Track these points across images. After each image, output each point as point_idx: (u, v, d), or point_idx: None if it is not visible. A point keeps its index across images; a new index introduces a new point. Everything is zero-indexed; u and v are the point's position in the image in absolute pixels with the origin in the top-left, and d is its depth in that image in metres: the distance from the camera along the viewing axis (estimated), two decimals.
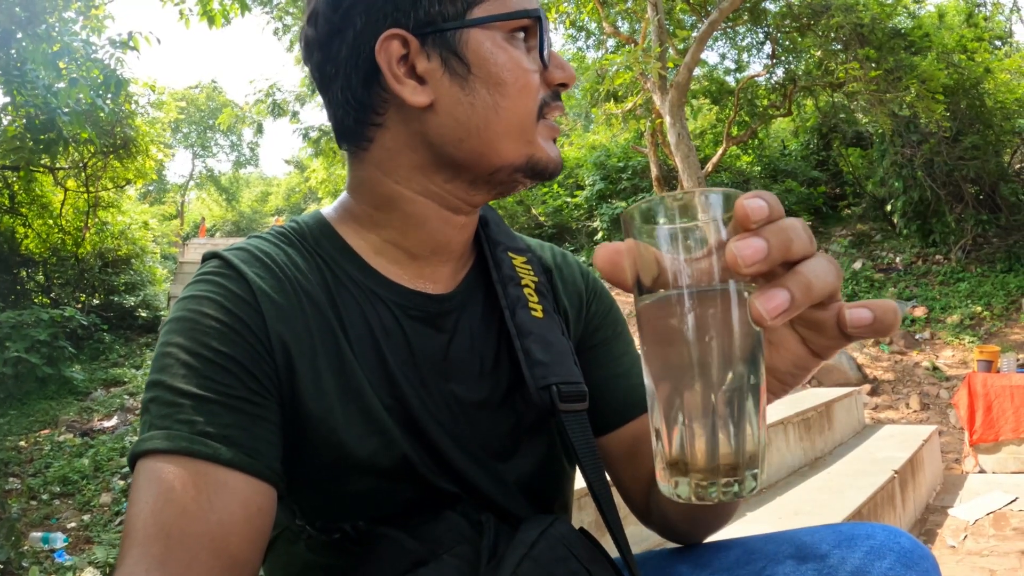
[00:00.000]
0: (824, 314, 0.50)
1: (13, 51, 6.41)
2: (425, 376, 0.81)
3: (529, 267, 0.91)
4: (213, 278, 0.74)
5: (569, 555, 0.72)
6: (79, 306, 9.68)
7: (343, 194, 0.88)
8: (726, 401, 0.45)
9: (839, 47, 11.85)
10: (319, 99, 0.96)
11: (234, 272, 0.75)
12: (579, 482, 0.87)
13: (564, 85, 0.82)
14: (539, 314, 0.86)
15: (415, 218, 0.82)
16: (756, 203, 0.45)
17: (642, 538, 2.18)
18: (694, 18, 12.74)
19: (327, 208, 0.89)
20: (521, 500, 0.84)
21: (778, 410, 3.82)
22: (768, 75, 13.67)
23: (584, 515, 1.94)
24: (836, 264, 0.48)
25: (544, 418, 0.86)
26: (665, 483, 0.48)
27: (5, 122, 8.04)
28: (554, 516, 0.77)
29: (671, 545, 0.93)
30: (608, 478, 0.88)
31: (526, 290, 0.88)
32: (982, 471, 5.42)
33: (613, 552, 0.83)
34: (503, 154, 0.77)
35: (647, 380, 0.49)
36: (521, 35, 0.78)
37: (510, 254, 0.91)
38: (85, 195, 10.04)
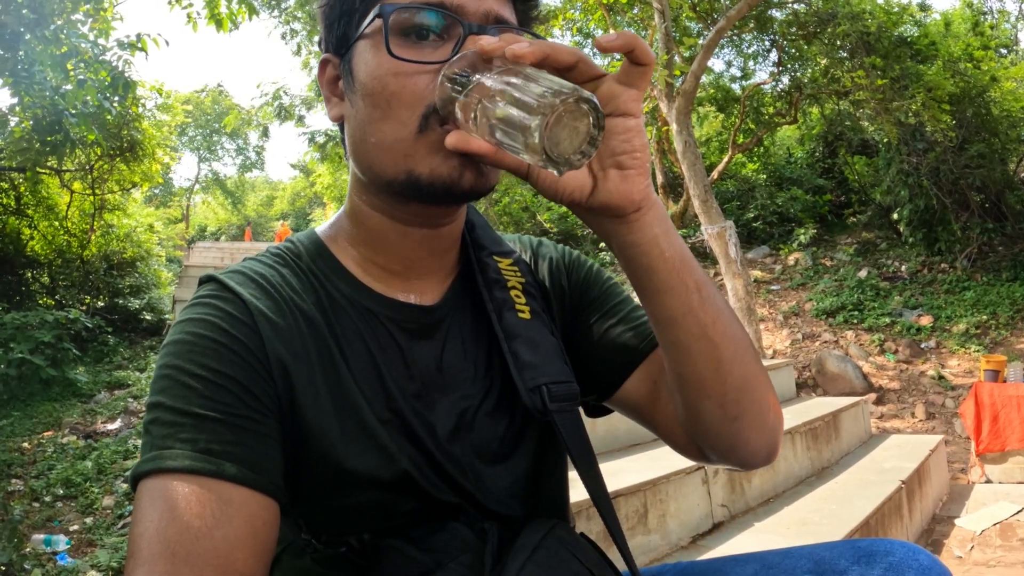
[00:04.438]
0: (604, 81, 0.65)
1: (21, 52, 6.42)
2: (421, 387, 0.81)
3: (515, 268, 0.92)
4: (210, 300, 0.76)
5: (572, 557, 0.73)
6: (84, 308, 9.68)
7: (340, 210, 0.90)
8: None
9: (845, 55, 11.85)
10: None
11: (231, 294, 0.76)
12: (582, 492, 0.86)
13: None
14: (526, 315, 0.87)
15: (375, 233, 0.83)
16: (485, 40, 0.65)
17: (650, 548, 2.17)
18: (700, 26, 12.74)
19: (322, 225, 0.90)
20: (519, 504, 0.85)
21: (785, 420, 3.80)
22: (774, 83, 13.67)
23: (592, 525, 1.92)
24: (575, 50, 0.64)
25: (538, 419, 0.86)
26: (549, 172, 0.63)
27: (12, 123, 8.05)
28: (554, 521, 0.78)
29: (684, 559, 0.92)
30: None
31: (512, 292, 0.88)
32: (988, 481, 5.40)
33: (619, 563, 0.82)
34: (383, 169, 0.76)
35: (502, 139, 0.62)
36: (415, 38, 0.73)
37: (495, 257, 0.91)
38: (91, 197, 10.04)
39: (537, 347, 0.84)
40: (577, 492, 0.99)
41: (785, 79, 13.56)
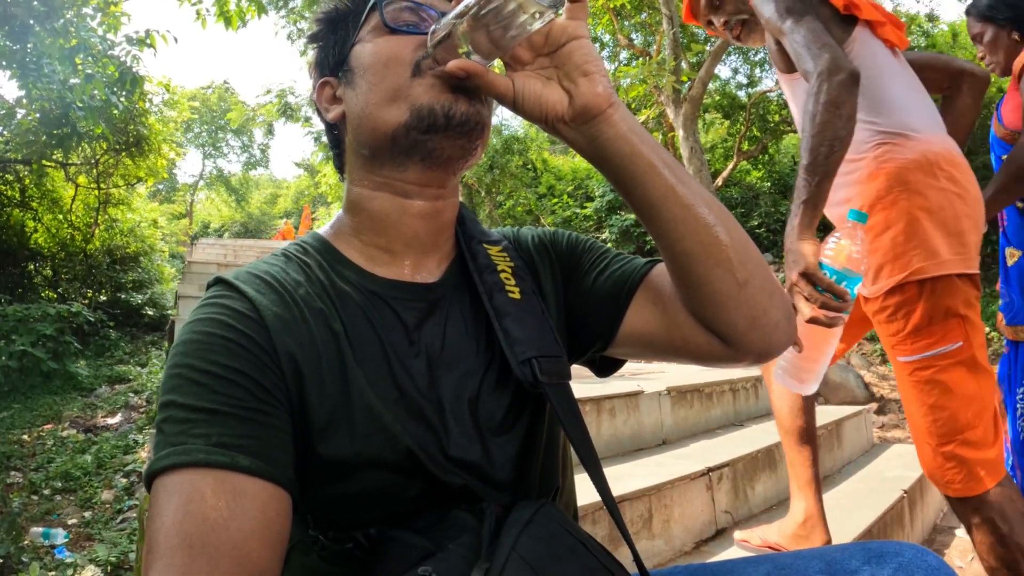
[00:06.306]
0: None
1: (30, 44, 6.44)
2: (427, 364, 0.84)
3: (505, 254, 0.97)
4: (216, 300, 0.79)
5: (563, 531, 0.74)
6: (86, 302, 9.72)
7: (338, 212, 0.96)
8: None
9: None
10: None
11: (236, 292, 0.79)
12: (592, 495, 0.86)
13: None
14: (516, 295, 0.91)
15: (377, 213, 0.88)
16: None
17: (654, 552, 2.17)
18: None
19: (324, 227, 0.95)
20: (523, 475, 0.87)
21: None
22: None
23: (598, 529, 1.92)
24: None
25: (530, 392, 0.89)
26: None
27: (19, 115, 8.07)
28: (543, 500, 0.79)
29: (694, 562, 0.92)
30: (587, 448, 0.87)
31: (502, 275, 0.93)
32: None
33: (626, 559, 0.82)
34: (387, 119, 0.83)
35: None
36: (405, 27, 0.86)
37: (485, 245, 0.97)
38: (96, 191, 10.08)
39: (527, 324, 0.88)
40: (581, 495, 0.98)
41: None
